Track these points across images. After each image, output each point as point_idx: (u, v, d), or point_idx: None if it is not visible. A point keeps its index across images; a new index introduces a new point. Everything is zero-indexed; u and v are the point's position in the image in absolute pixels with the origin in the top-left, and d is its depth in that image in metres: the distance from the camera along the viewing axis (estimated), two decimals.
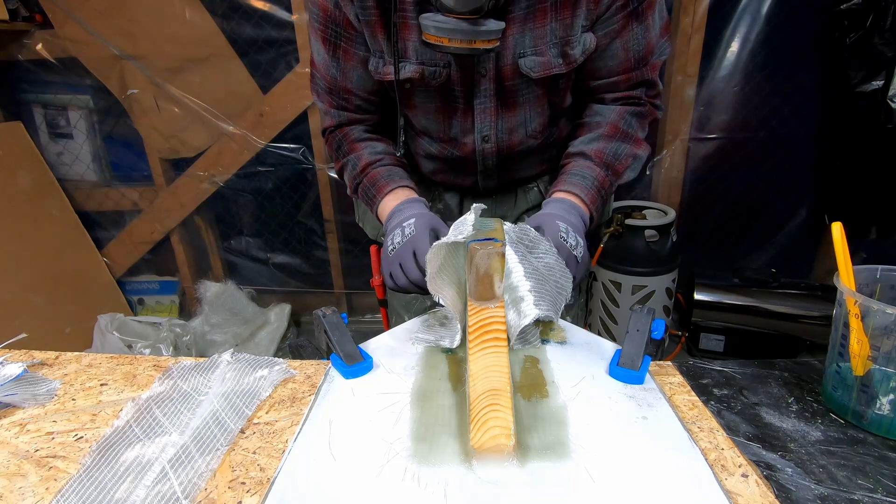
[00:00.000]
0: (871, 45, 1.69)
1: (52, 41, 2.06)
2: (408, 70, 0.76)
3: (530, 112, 0.82)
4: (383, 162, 0.84)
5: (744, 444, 0.52)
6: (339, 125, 0.88)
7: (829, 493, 0.45)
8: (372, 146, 0.86)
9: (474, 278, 0.61)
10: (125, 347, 2.02)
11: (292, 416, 0.57)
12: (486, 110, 0.81)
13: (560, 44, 0.74)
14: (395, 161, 0.86)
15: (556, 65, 0.75)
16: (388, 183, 0.82)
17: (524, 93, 0.79)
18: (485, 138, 0.84)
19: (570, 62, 0.76)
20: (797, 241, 2.12)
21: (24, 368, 0.63)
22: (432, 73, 0.77)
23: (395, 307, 1.09)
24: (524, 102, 0.81)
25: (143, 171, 2.27)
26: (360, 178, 0.85)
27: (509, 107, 0.81)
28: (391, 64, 0.76)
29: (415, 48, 0.75)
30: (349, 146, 0.87)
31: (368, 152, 0.85)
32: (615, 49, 0.77)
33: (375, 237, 1.05)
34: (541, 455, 0.48)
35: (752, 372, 0.64)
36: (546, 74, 0.76)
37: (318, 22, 0.78)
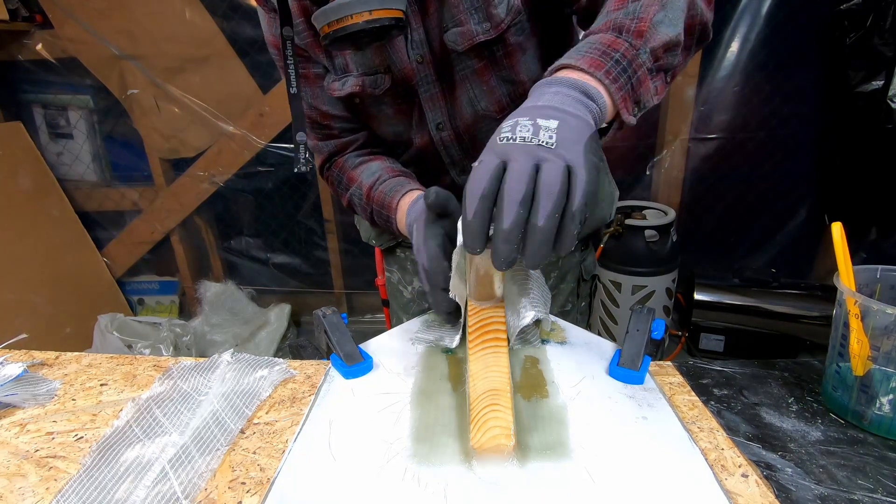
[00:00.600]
0: (871, 45, 1.69)
1: (52, 41, 2.06)
2: (349, 84, 0.75)
3: (473, 89, 0.75)
4: (381, 179, 0.80)
5: (744, 444, 0.52)
6: (330, 157, 0.85)
7: (829, 493, 0.45)
8: (367, 168, 0.83)
9: (474, 278, 0.61)
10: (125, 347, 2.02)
11: (292, 416, 0.57)
12: (432, 97, 0.76)
13: (482, 6, 0.67)
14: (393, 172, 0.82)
15: (479, 31, 0.68)
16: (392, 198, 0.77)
17: (459, 69, 0.73)
18: (439, 126, 0.79)
19: (496, 24, 0.67)
20: (797, 241, 2.12)
21: (24, 368, 0.63)
22: (373, 81, 0.74)
23: (395, 309, 1.08)
24: (462, 79, 0.74)
25: (143, 171, 2.27)
26: (369, 206, 0.81)
27: (451, 89, 0.76)
28: (336, 80, 0.76)
29: (353, 59, 0.74)
30: (347, 178, 0.84)
31: (366, 176, 0.81)
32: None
33: (367, 240, 1.03)
34: (541, 455, 0.48)
35: (752, 372, 0.64)
36: (470, 44, 0.69)
37: (277, 60, 0.77)
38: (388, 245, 0.99)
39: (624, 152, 2.09)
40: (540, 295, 0.67)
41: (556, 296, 1.01)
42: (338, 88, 0.76)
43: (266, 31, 0.78)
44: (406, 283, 1.02)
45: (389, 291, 1.08)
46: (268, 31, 0.77)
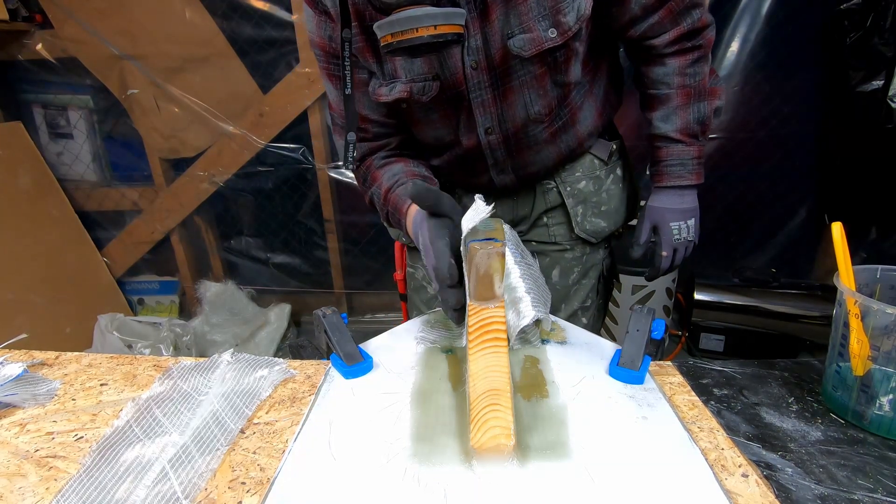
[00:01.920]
0: (871, 45, 1.69)
1: (52, 41, 2.06)
2: (396, 90, 0.76)
3: (530, 94, 0.78)
4: (399, 182, 0.82)
5: (744, 444, 0.52)
6: (362, 157, 0.88)
7: (829, 493, 0.45)
8: (390, 170, 0.85)
9: (474, 278, 0.61)
10: (125, 347, 2.02)
11: (292, 416, 0.57)
12: (483, 103, 0.79)
13: (551, 14, 0.70)
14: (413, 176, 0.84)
15: (547, 38, 0.71)
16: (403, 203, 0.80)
17: (519, 74, 0.76)
18: (488, 130, 0.82)
19: (564, 31, 0.71)
20: (797, 241, 2.12)
21: (24, 368, 0.63)
22: (421, 88, 0.76)
23: (417, 304, 1.10)
24: (521, 85, 0.77)
25: (143, 171, 2.27)
26: (385, 207, 0.84)
27: (506, 93, 0.78)
28: (384, 85, 0.77)
29: (403, 66, 0.75)
30: (371, 176, 0.87)
31: (387, 178, 0.84)
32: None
33: (397, 237, 1.08)
34: (541, 455, 0.48)
35: (752, 372, 0.64)
36: (538, 50, 0.72)
37: (322, 61, 0.80)
38: None
39: None
40: (540, 295, 0.67)
41: (578, 291, 1.03)
42: (385, 94, 0.77)
43: (314, 32, 0.78)
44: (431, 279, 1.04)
45: (413, 287, 1.09)
46: (315, 33, 0.77)
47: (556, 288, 1.01)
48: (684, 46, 0.79)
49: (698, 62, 0.80)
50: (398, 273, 1.21)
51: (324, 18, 0.75)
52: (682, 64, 0.80)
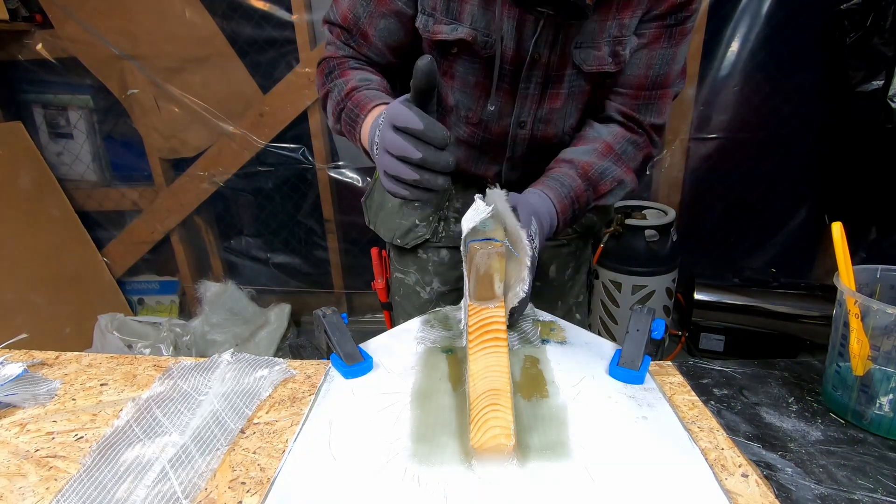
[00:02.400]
0: (871, 45, 1.69)
1: (52, 41, 2.06)
2: (459, 31, 0.73)
3: (572, 106, 0.80)
4: (370, 86, 0.76)
5: (744, 443, 0.52)
6: (343, 58, 0.81)
7: (829, 493, 0.45)
8: (364, 75, 0.78)
9: (474, 278, 0.61)
10: (125, 347, 2.02)
11: (292, 416, 0.57)
12: (529, 97, 0.78)
13: (613, 42, 0.73)
14: (384, 89, 0.78)
15: (607, 62, 0.74)
16: (371, 100, 0.73)
17: (572, 85, 0.77)
18: (521, 124, 0.81)
19: (619, 62, 0.74)
20: (797, 241, 2.12)
21: (24, 368, 0.63)
22: (484, 42, 0.73)
23: (409, 311, 1.05)
24: (569, 95, 0.79)
25: (143, 171, 2.27)
26: (343, 102, 0.76)
27: (553, 98, 0.79)
28: (444, 23, 0.73)
29: (471, 12, 0.73)
30: (340, 72, 0.79)
31: (359, 78, 0.77)
32: (638, 59, 0.76)
33: (391, 239, 1.00)
34: (541, 455, 0.48)
35: (752, 372, 0.64)
36: (598, 70, 0.75)
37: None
38: (414, 244, 0.97)
39: None
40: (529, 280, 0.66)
41: (573, 286, 1.04)
42: (446, 32, 0.73)
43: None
44: (425, 283, 1.01)
45: (402, 293, 1.05)
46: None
47: (553, 284, 1.01)
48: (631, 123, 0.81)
49: (633, 145, 0.81)
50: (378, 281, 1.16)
51: None
52: (621, 134, 0.81)
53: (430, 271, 1.00)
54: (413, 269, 1.01)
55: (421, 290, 1.02)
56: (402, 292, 1.04)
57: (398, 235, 0.98)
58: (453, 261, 0.98)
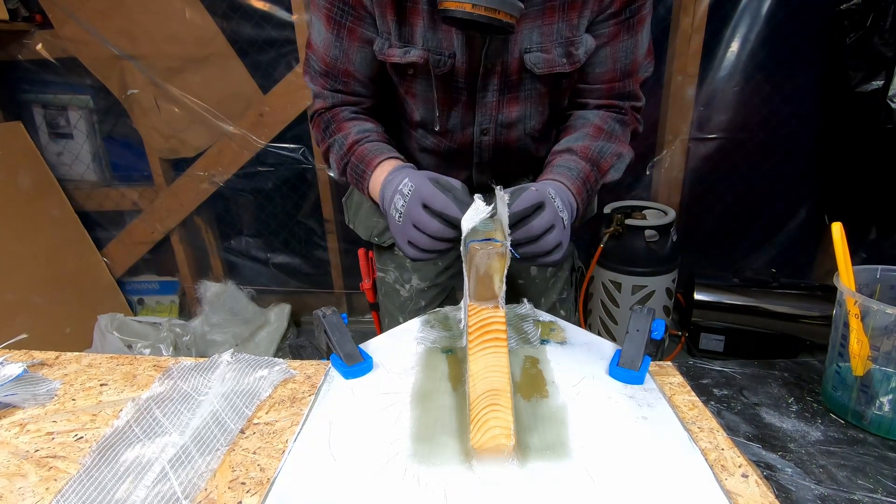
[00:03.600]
0: (871, 45, 1.69)
1: (52, 41, 2.06)
2: (412, 54, 0.75)
3: (530, 109, 0.82)
4: (370, 139, 0.80)
5: (744, 444, 0.52)
6: (331, 107, 0.84)
7: (829, 493, 0.45)
8: (360, 125, 0.83)
9: (474, 278, 0.61)
10: (125, 347, 2.02)
11: (292, 417, 0.57)
12: (488, 104, 0.80)
13: (565, 44, 0.76)
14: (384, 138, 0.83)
15: (559, 63, 0.76)
16: (376, 156, 0.77)
17: (527, 89, 0.80)
18: (484, 131, 0.84)
19: (573, 62, 0.77)
20: (797, 241, 2.12)
21: (24, 368, 0.63)
22: (437, 60, 0.75)
23: (390, 310, 1.08)
24: (525, 98, 0.81)
25: (143, 171, 2.27)
26: (347, 157, 0.81)
27: (511, 102, 0.81)
28: (397, 47, 0.75)
29: (422, 34, 0.75)
30: (337, 126, 0.83)
31: (357, 130, 0.81)
32: (603, 56, 0.79)
33: (368, 238, 1.02)
34: (541, 455, 0.48)
35: (752, 372, 0.64)
36: (550, 72, 0.77)
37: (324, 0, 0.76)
38: (391, 241, 0.99)
39: None
40: None
41: (556, 283, 1.06)
42: (398, 55, 0.75)
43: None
44: (404, 281, 1.02)
45: (384, 292, 1.07)
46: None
47: (535, 282, 1.03)
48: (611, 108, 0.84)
49: (619, 123, 0.83)
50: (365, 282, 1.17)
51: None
52: (606, 115, 0.84)
53: (408, 268, 1.01)
54: (392, 268, 1.03)
55: (400, 287, 1.03)
56: (383, 291, 1.06)
57: (375, 234, 1.00)
58: None
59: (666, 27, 1.90)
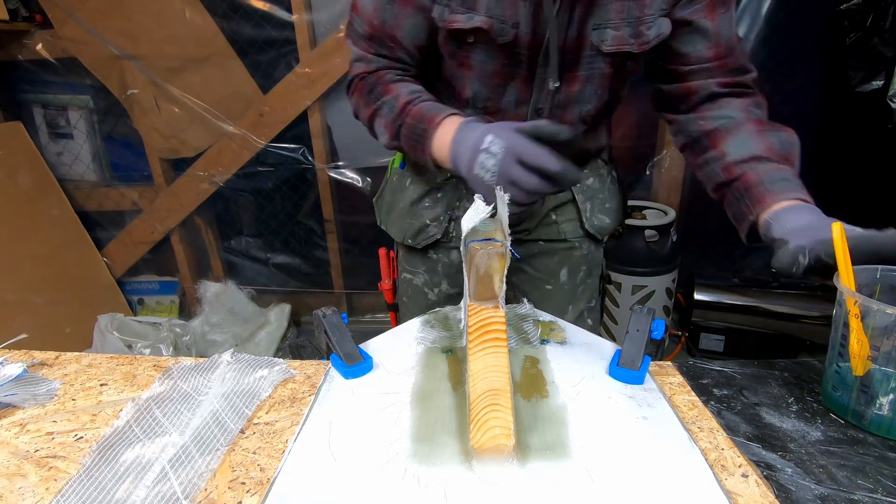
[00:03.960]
0: (871, 46, 1.69)
1: (52, 41, 2.06)
2: (475, 20, 0.72)
3: (590, 90, 0.79)
4: (423, 98, 0.77)
5: (744, 444, 0.52)
6: (376, 70, 0.81)
7: (829, 493, 0.45)
8: (409, 86, 0.79)
9: (474, 278, 0.61)
10: (125, 347, 2.02)
11: (292, 416, 0.57)
12: (545, 81, 0.77)
13: (635, 23, 0.72)
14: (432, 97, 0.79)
15: (628, 42, 0.73)
16: (437, 113, 0.73)
17: (590, 67, 0.76)
18: (538, 110, 0.80)
19: (642, 43, 0.73)
20: None
21: (24, 368, 0.63)
22: (501, 28, 0.72)
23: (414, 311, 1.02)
24: (588, 78, 0.77)
25: (143, 171, 2.27)
26: (401, 118, 0.76)
27: (570, 81, 0.78)
28: (459, 12, 0.73)
29: (486, 2, 0.72)
30: (383, 88, 0.79)
31: (407, 91, 0.78)
32: (704, 30, 0.74)
33: (402, 239, 0.98)
34: (541, 455, 0.48)
35: (752, 372, 0.64)
36: (618, 49, 0.73)
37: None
38: (425, 244, 0.96)
39: (624, 152, 2.09)
40: None
41: (585, 290, 1.01)
42: (463, 20, 0.73)
43: None
44: (433, 284, 0.99)
45: (409, 294, 1.03)
46: None
47: (563, 288, 0.99)
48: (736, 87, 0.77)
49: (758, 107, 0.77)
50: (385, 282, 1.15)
51: None
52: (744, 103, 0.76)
53: (439, 272, 0.98)
54: (422, 270, 1.00)
55: (429, 291, 1.00)
56: (409, 293, 1.03)
57: (409, 235, 0.96)
58: None
59: None
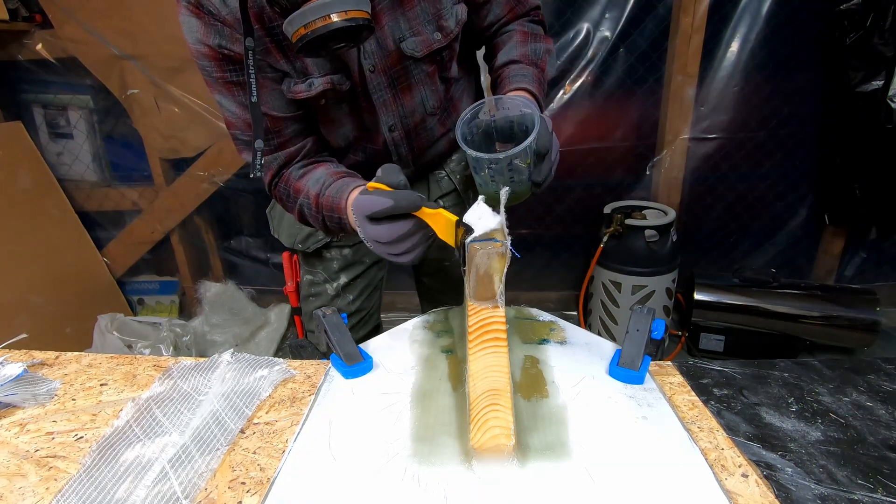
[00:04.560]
0: (871, 46, 1.69)
1: (52, 41, 2.06)
2: (318, 84, 0.77)
3: (425, 90, 0.86)
4: (327, 184, 0.80)
5: (744, 444, 0.52)
6: (279, 170, 0.84)
7: (829, 493, 0.45)
8: (312, 177, 0.82)
9: (474, 278, 0.61)
10: (125, 347, 2.02)
11: (292, 416, 0.57)
12: (385, 103, 0.83)
13: (434, 19, 0.79)
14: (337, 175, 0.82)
15: (435, 40, 0.80)
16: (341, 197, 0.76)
17: (415, 73, 0.83)
18: (391, 128, 0.86)
19: (447, 34, 0.80)
20: (797, 241, 2.11)
21: (24, 368, 0.63)
22: (339, 79, 0.78)
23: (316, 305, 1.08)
24: (418, 82, 0.84)
25: (143, 171, 2.27)
26: (320, 214, 0.80)
27: (404, 91, 0.84)
28: (300, 83, 0.77)
29: (313, 63, 0.77)
30: (294, 190, 0.83)
31: (312, 184, 0.81)
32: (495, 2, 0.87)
33: (292, 245, 1.04)
34: (541, 455, 0.48)
35: (752, 372, 0.64)
36: (429, 51, 0.80)
37: (215, 71, 0.75)
38: (316, 247, 1.02)
39: (624, 152, 2.09)
40: None
41: None
42: (304, 90, 0.77)
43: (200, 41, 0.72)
44: (332, 280, 1.06)
45: (312, 292, 1.07)
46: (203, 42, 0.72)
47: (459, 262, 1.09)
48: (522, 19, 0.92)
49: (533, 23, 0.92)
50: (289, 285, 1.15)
51: (213, 24, 0.71)
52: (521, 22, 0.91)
53: (335, 268, 1.05)
54: (320, 269, 1.06)
55: (328, 286, 1.06)
56: (312, 291, 1.08)
57: (299, 241, 1.03)
58: (356, 256, 1.05)
59: (666, 27, 1.90)
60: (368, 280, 1.08)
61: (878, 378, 0.62)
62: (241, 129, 0.81)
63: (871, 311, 1.75)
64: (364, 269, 1.06)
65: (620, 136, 2.06)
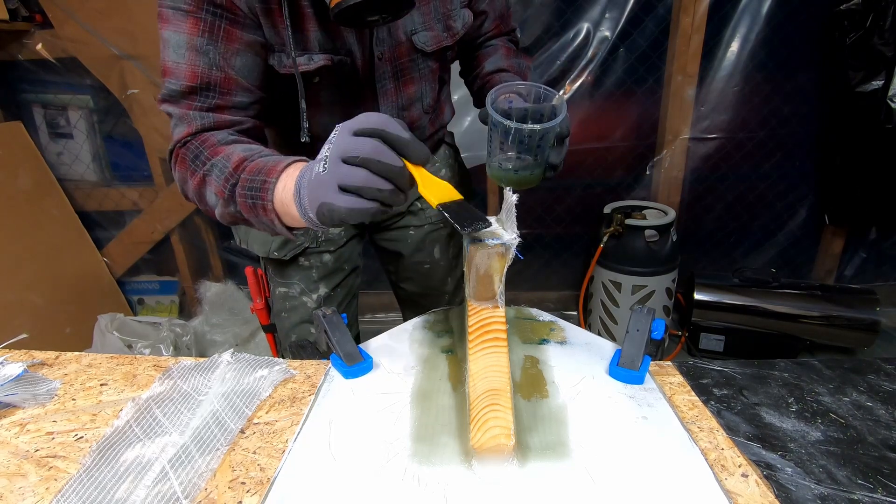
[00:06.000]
0: (871, 45, 1.69)
1: (52, 41, 2.06)
2: (316, 60, 0.72)
3: (425, 86, 0.87)
4: (262, 153, 0.65)
5: (744, 444, 0.52)
6: (199, 131, 0.69)
7: (829, 493, 0.45)
8: (244, 145, 0.68)
9: (474, 278, 0.61)
10: (125, 347, 2.02)
11: (292, 416, 0.57)
12: (387, 92, 0.83)
13: (443, 18, 0.82)
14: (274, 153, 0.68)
15: (443, 38, 0.83)
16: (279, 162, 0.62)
17: (420, 67, 0.85)
18: None
19: (453, 34, 0.84)
20: (797, 241, 2.12)
21: (24, 368, 0.63)
22: (340, 61, 0.75)
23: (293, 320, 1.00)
24: (420, 77, 0.86)
25: (143, 171, 2.27)
26: (234, 177, 0.63)
27: (406, 84, 0.85)
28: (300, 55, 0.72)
29: (316, 38, 0.72)
30: (211, 151, 0.67)
31: (242, 149, 0.66)
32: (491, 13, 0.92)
33: (266, 254, 0.95)
34: (541, 455, 0.48)
35: (752, 372, 0.64)
36: (438, 47, 0.83)
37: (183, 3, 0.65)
38: (293, 254, 0.94)
39: (624, 152, 2.09)
40: None
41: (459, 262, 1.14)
42: (304, 63, 0.72)
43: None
44: (311, 291, 0.98)
45: (289, 307, 0.99)
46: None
47: (440, 264, 1.09)
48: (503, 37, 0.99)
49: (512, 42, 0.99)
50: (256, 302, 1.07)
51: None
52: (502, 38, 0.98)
53: (314, 277, 0.98)
54: (297, 280, 0.97)
55: (307, 298, 0.99)
56: (287, 306, 0.99)
57: (275, 248, 0.94)
58: (337, 263, 0.99)
59: (666, 27, 1.90)
60: (348, 289, 1.04)
61: (878, 378, 0.62)
62: (181, 77, 0.67)
63: (871, 311, 1.75)
64: (344, 277, 1.01)
65: (620, 136, 2.06)
